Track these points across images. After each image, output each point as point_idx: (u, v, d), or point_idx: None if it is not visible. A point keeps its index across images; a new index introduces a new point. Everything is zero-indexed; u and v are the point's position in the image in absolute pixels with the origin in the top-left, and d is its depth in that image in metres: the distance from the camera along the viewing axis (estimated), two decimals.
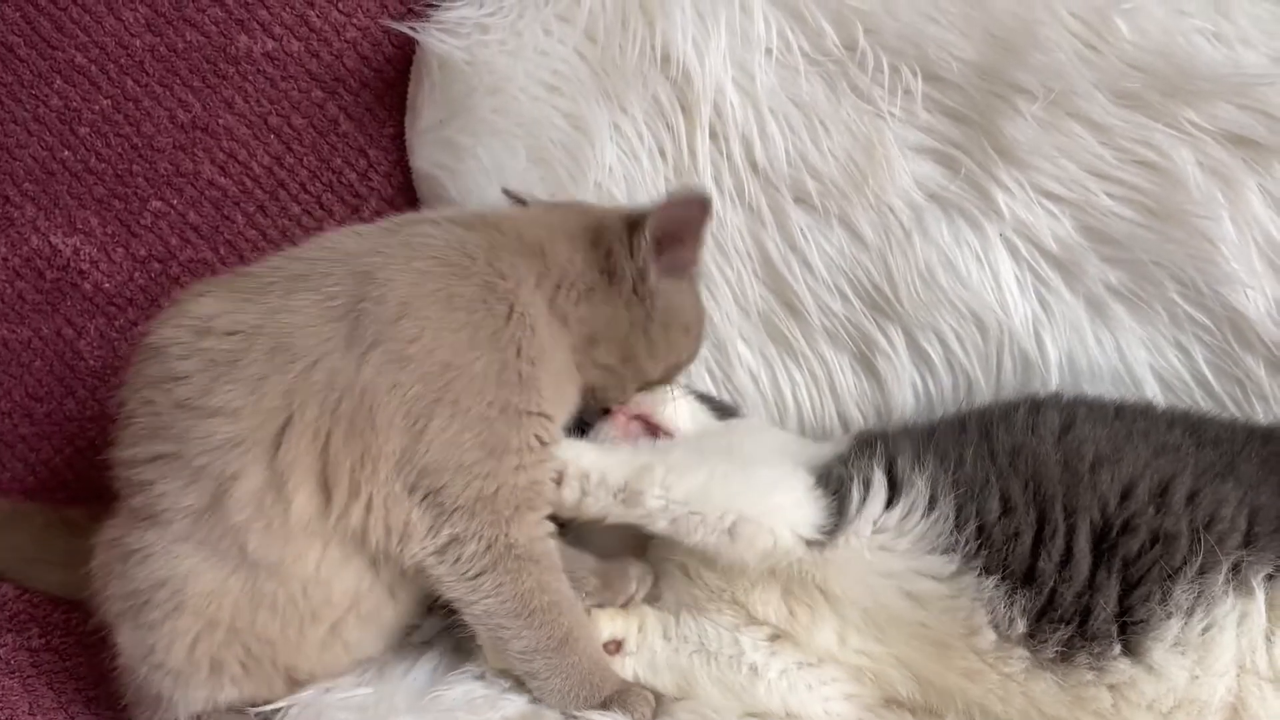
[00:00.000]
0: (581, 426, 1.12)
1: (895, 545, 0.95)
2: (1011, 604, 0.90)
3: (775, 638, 1.00)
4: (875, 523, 0.95)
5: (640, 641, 1.00)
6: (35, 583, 1.21)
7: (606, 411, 1.12)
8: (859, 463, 0.98)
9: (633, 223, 1.01)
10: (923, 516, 0.94)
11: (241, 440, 0.88)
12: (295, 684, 0.98)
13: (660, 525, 0.96)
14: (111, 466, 0.97)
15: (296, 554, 0.90)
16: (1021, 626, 0.90)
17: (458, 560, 0.91)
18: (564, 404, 1.00)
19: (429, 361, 0.90)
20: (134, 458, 0.92)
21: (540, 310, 0.97)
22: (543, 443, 0.95)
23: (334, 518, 0.90)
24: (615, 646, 1.00)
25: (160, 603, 0.90)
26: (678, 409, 1.12)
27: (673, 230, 1.01)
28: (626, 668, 1.00)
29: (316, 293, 0.91)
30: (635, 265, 1.01)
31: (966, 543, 0.92)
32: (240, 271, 1.00)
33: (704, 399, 1.19)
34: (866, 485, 0.96)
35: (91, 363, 1.43)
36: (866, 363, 1.25)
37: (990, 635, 0.91)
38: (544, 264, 1.00)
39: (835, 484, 0.97)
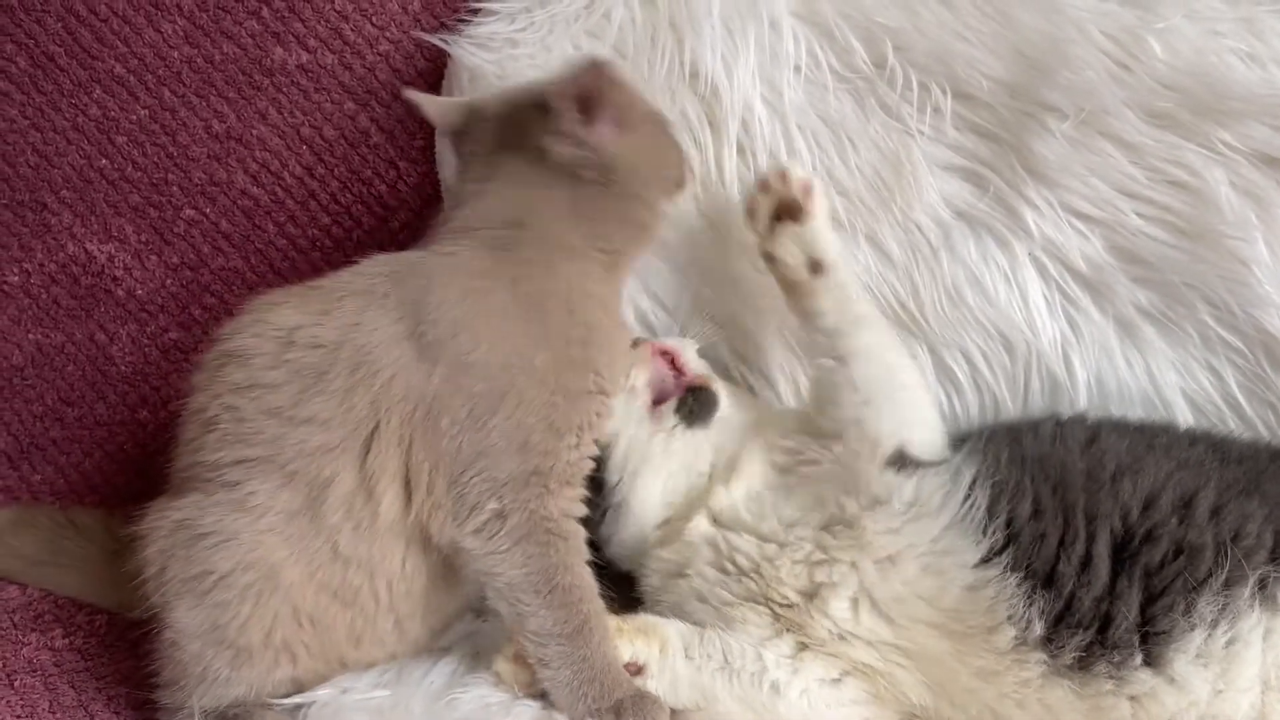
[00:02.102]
0: None
1: (932, 517, 0.96)
2: (1031, 604, 0.90)
3: (801, 649, 1.00)
4: (918, 491, 0.98)
5: (662, 663, 0.99)
6: (45, 584, 1.22)
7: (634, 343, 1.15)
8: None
9: (540, 106, 1.05)
10: (961, 500, 0.96)
11: (334, 447, 0.94)
12: (342, 668, 1.02)
13: (829, 352, 1.07)
14: (173, 462, 1.03)
15: (384, 552, 0.97)
16: (1039, 629, 0.89)
17: (495, 535, 0.95)
18: (620, 365, 1.06)
19: (490, 364, 0.96)
20: (219, 460, 0.97)
21: (572, 279, 1.02)
22: (600, 416, 1.01)
23: (413, 516, 0.96)
24: (636, 669, 0.98)
25: (241, 585, 0.94)
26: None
27: (579, 94, 1.03)
28: (647, 688, 0.99)
29: (384, 313, 0.98)
30: (570, 143, 1.04)
31: (994, 533, 0.93)
32: (309, 285, 1.05)
33: None
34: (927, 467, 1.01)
35: (122, 368, 1.44)
36: None
37: (1009, 633, 0.90)
38: (557, 226, 1.05)
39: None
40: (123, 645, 1.10)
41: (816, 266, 1.08)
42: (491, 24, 1.33)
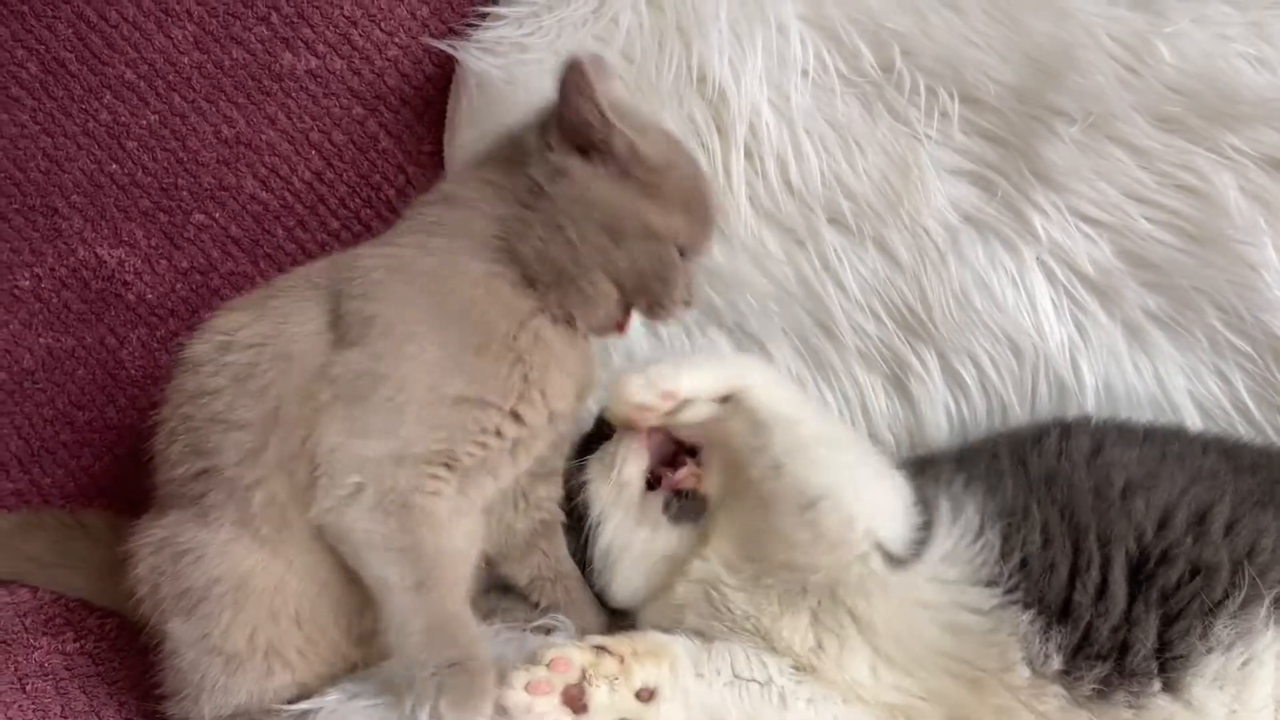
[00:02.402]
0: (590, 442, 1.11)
1: (945, 574, 0.92)
2: (1047, 639, 0.88)
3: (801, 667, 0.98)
4: (938, 551, 0.93)
5: (674, 684, 0.94)
6: (55, 586, 1.23)
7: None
8: (925, 487, 0.97)
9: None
10: (970, 544, 0.92)
11: (255, 450, 0.92)
12: (344, 669, 1.00)
13: (759, 466, 0.94)
14: (155, 476, 1.02)
15: (323, 558, 0.94)
16: (1057, 663, 0.87)
17: (349, 507, 0.91)
18: (545, 386, 0.96)
19: (382, 349, 0.92)
20: (184, 474, 0.96)
21: (475, 279, 0.96)
22: (483, 429, 0.94)
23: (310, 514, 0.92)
24: (648, 694, 0.93)
25: (218, 596, 0.93)
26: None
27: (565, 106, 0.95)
28: (661, 715, 0.94)
29: (314, 304, 0.96)
30: (542, 157, 0.96)
31: (1010, 575, 0.90)
32: (266, 284, 1.04)
33: None
34: (937, 509, 0.94)
35: (132, 372, 1.45)
36: (899, 385, 1.24)
37: (1024, 672, 0.88)
38: (480, 218, 0.98)
39: (926, 508, 0.95)
40: (133, 650, 1.10)
41: (726, 398, 0.97)
42: (499, 29, 1.33)
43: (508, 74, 1.29)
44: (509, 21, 1.33)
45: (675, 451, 1.08)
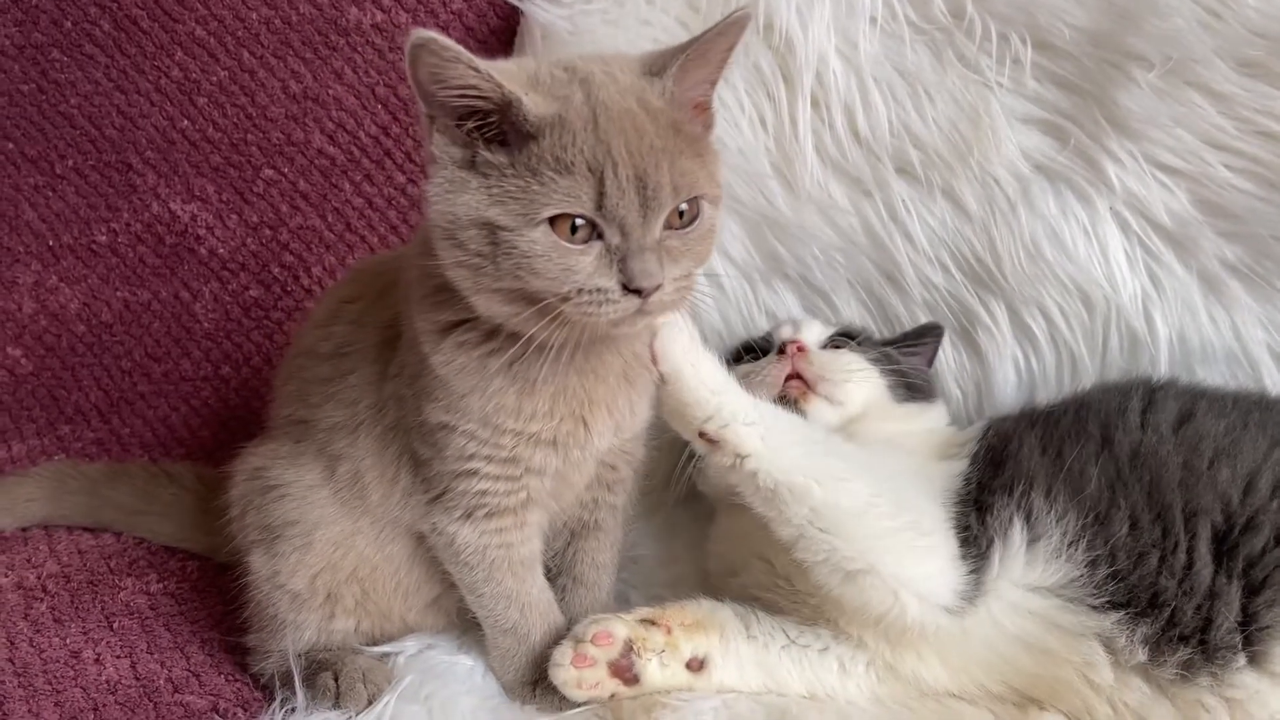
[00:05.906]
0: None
1: (1028, 604, 0.91)
2: (1134, 634, 0.86)
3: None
4: (1017, 582, 0.91)
5: (724, 650, 0.96)
6: (141, 533, 1.27)
7: (781, 350, 1.09)
8: (997, 509, 0.93)
9: None
10: (1058, 567, 0.90)
11: (343, 425, 0.95)
12: (403, 628, 1.04)
13: (785, 533, 0.90)
14: (267, 407, 1.07)
15: (391, 534, 0.97)
16: (1142, 655, 0.86)
17: (434, 546, 0.96)
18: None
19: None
20: (290, 415, 1.01)
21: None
22: (478, 456, 0.91)
23: (393, 502, 0.96)
24: (698, 664, 0.95)
25: (290, 537, 0.97)
26: (852, 390, 1.07)
27: None
28: (713, 681, 0.95)
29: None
30: None
31: (1098, 586, 0.88)
32: (391, 252, 1.03)
33: (897, 377, 1.10)
34: (1005, 539, 0.91)
35: (205, 325, 1.48)
36: (967, 337, 1.23)
37: (1108, 673, 0.87)
38: None
39: (977, 547, 0.92)
40: (213, 590, 1.14)
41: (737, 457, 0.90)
42: None
43: (572, 25, 1.29)
44: None
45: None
